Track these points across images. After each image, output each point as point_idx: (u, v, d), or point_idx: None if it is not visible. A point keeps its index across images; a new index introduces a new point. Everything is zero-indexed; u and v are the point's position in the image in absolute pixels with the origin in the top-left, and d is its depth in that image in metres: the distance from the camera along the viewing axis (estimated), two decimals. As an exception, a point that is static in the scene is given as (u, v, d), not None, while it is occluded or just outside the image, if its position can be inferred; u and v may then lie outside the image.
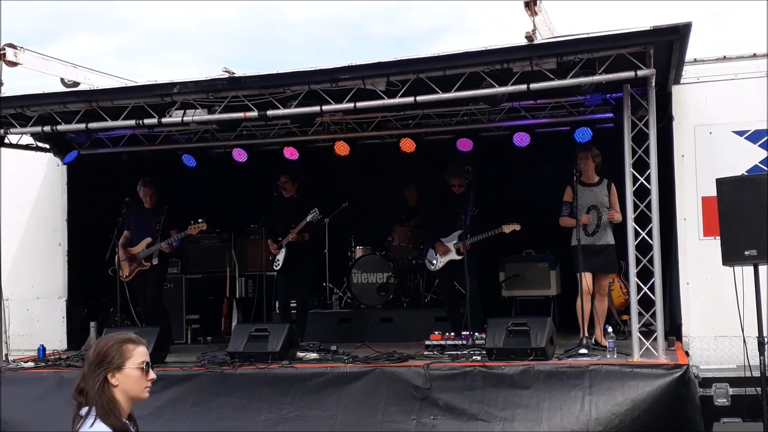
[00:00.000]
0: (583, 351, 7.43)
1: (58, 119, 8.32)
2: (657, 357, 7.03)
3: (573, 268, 8.12)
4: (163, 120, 8.04)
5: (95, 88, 8.49)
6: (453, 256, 8.88)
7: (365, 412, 7.10)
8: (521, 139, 9.63)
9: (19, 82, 10.07)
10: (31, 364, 8.64)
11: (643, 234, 7.16)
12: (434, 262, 9.07)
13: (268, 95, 7.67)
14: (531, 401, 6.83)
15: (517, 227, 8.61)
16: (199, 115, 7.93)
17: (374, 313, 10.23)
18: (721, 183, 6.62)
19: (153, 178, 9.55)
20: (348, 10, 34.73)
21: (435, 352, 7.92)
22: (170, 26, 35.98)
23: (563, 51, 6.78)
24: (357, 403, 7.18)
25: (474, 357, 7.49)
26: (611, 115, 8.68)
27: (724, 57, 7.91)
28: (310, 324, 9.57)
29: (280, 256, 9.31)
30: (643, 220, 7.20)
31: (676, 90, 7.82)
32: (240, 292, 11.16)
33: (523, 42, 6.73)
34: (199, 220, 9.17)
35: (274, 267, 9.41)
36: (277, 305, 9.87)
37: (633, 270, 7.15)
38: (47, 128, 8.33)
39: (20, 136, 9.23)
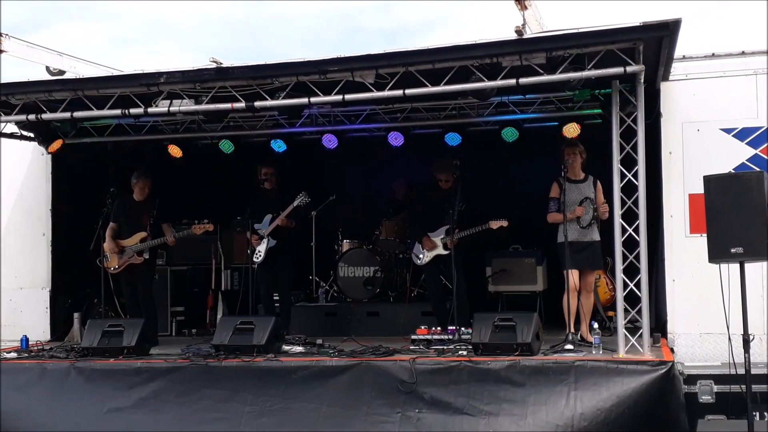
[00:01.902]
0: (569, 347, 7.42)
1: (43, 108, 8.26)
2: (642, 353, 7.05)
3: (559, 263, 8.12)
4: (150, 110, 7.99)
5: (81, 77, 8.44)
6: (440, 251, 8.86)
7: (350, 404, 7.09)
8: (509, 134, 9.60)
9: (3, 70, 9.97)
10: (13, 354, 8.56)
11: (630, 230, 7.17)
12: (421, 256, 9.05)
13: (256, 86, 7.63)
14: (516, 396, 6.82)
15: (505, 223, 8.60)
16: (186, 105, 7.86)
17: (360, 307, 10.20)
18: (708, 180, 6.61)
19: (147, 170, 9.44)
20: (339, 4, 34.64)
21: (421, 347, 7.91)
22: (160, 16, 35.76)
23: (552, 46, 6.79)
24: (342, 396, 7.16)
25: (460, 352, 7.48)
26: (599, 110, 8.68)
27: (713, 54, 7.94)
28: (295, 317, 9.54)
29: (261, 248, 9.21)
30: (630, 216, 7.20)
31: (664, 87, 7.83)
32: (225, 284, 11.10)
33: (513, 36, 6.72)
34: (205, 221, 9.32)
35: (255, 259, 9.23)
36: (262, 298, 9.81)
37: (619, 266, 7.16)
38: (32, 117, 8.27)
39: (4, 124, 9.16)
